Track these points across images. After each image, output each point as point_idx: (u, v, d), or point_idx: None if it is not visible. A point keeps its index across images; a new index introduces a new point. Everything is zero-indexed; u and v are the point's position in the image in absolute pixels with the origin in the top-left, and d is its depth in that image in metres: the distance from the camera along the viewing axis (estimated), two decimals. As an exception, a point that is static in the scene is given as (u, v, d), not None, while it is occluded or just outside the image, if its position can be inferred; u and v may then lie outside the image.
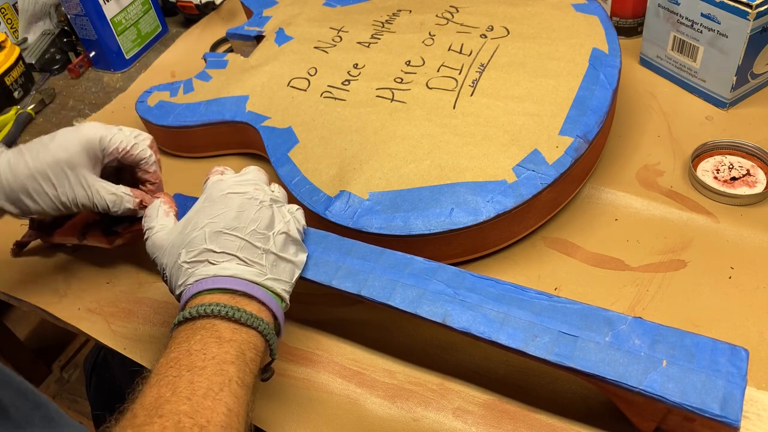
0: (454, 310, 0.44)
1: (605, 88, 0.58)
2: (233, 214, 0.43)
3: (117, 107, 0.82)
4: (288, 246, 0.45)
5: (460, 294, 0.45)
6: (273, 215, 0.45)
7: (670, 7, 0.66)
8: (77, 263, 0.63)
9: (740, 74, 0.63)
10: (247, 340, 0.40)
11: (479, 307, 0.44)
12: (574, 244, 0.56)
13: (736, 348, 0.39)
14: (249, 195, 0.45)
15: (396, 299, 0.45)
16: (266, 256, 0.43)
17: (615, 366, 0.39)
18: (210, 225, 0.43)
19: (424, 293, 0.45)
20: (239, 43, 0.81)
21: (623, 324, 0.41)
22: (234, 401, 0.36)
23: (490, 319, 0.43)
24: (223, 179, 0.47)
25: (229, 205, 0.44)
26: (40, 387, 1.11)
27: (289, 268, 0.45)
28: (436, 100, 0.61)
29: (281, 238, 0.44)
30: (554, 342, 0.41)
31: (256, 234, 0.43)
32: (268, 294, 0.42)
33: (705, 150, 0.61)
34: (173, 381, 0.36)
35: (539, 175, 0.53)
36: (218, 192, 0.45)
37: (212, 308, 0.39)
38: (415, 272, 0.46)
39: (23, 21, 0.94)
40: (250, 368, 0.39)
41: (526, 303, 0.43)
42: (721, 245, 0.54)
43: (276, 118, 0.65)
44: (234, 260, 0.42)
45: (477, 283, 0.45)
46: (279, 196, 0.48)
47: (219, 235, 0.43)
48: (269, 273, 0.43)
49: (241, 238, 0.43)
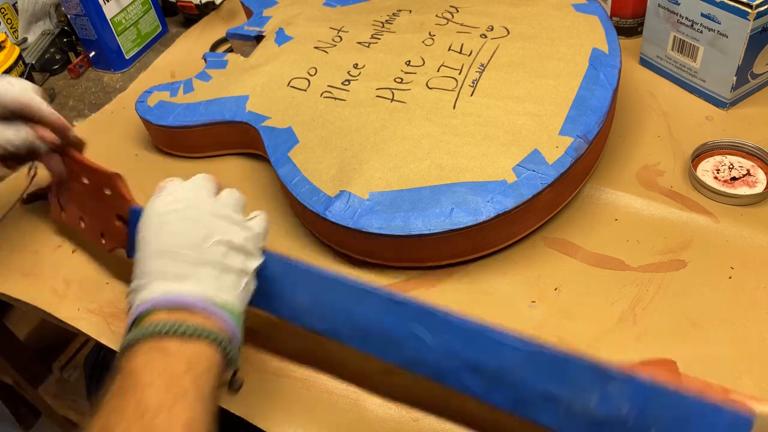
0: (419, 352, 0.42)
1: (605, 88, 0.58)
2: (165, 233, 0.43)
3: (117, 107, 0.82)
4: (231, 256, 0.43)
5: (423, 335, 0.42)
6: (211, 226, 0.44)
7: (670, 7, 0.66)
8: (77, 263, 0.63)
9: (740, 74, 0.63)
10: (196, 351, 0.38)
11: (447, 352, 0.41)
12: (574, 244, 0.56)
13: (740, 417, 0.34)
14: (181, 212, 0.44)
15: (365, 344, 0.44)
16: (204, 268, 0.42)
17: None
18: (144, 248, 0.43)
19: (391, 338, 0.43)
20: (239, 43, 0.81)
21: (613, 382, 0.37)
22: (191, 415, 0.35)
23: (460, 367, 0.41)
24: (158, 198, 0.46)
25: (158, 226, 0.43)
26: (40, 387, 1.11)
27: (232, 278, 0.43)
28: (436, 100, 0.61)
29: (221, 248, 0.43)
30: (531, 404, 0.38)
31: (189, 249, 0.42)
32: (212, 305, 0.41)
33: (705, 150, 0.61)
34: (120, 405, 0.35)
35: (539, 175, 0.53)
36: (151, 212, 0.45)
37: (152, 328, 0.38)
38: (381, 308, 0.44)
39: (23, 21, 0.94)
40: (206, 380, 0.38)
41: (500, 350, 0.40)
42: (721, 245, 0.54)
43: (276, 118, 0.65)
44: (169, 279, 0.41)
45: (444, 323, 0.42)
46: (225, 204, 0.46)
47: (152, 257, 0.42)
48: (211, 285, 0.42)
49: (172, 257, 0.42)
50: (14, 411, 1.25)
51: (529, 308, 0.52)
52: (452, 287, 0.54)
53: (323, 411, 0.48)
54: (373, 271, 0.57)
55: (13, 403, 1.24)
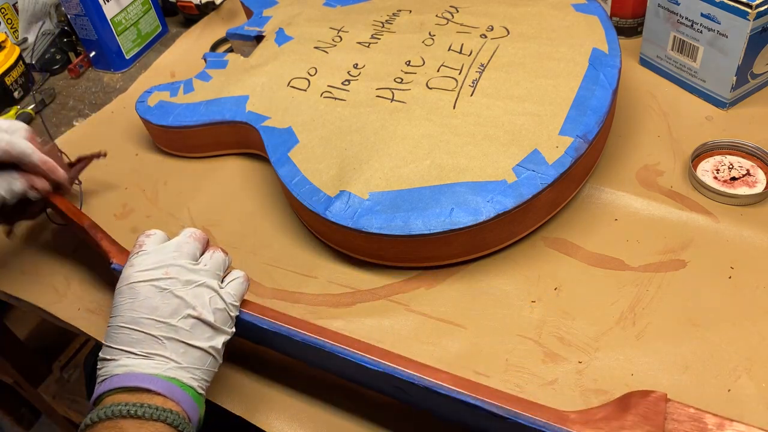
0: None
1: (605, 88, 0.58)
2: (133, 305, 0.43)
3: (117, 107, 0.83)
4: (199, 331, 0.43)
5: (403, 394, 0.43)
6: (181, 299, 0.43)
7: (670, 7, 0.66)
8: (77, 263, 0.63)
9: (740, 74, 0.63)
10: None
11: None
12: (574, 244, 0.56)
13: None
14: (154, 282, 0.43)
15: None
16: (170, 344, 0.42)
17: None
18: (116, 315, 0.43)
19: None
20: (239, 43, 0.81)
21: None
22: None
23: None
24: (134, 259, 0.45)
25: (130, 295, 0.43)
26: (40, 387, 1.11)
27: (199, 354, 0.43)
28: (436, 100, 0.61)
29: (189, 322, 0.43)
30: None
31: (157, 324, 0.42)
32: (172, 385, 0.41)
33: (705, 150, 0.61)
34: None
35: (539, 175, 0.53)
36: (124, 281, 0.44)
37: (111, 410, 0.39)
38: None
39: (23, 21, 0.94)
40: None
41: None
42: (721, 245, 0.54)
43: (276, 118, 0.65)
44: (132, 356, 0.41)
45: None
46: (204, 271, 0.45)
47: (118, 330, 0.42)
48: (175, 363, 0.42)
49: (139, 331, 0.42)
50: (14, 411, 1.25)
51: (529, 308, 0.52)
52: (452, 287, 0.54)
53: (323, 411, 0.48)
54: (372, 271, 0.57)
55: (13, 403, 1.24)
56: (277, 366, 0.51)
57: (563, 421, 0.38)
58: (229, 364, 0.51)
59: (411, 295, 0.54)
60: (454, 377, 0.41)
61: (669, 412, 0.38)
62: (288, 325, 0.46)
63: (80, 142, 0.77)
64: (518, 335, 0.50)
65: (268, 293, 0.56)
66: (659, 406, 0.38)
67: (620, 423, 0.38)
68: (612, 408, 0.39)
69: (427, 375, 0.41)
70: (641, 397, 0.39)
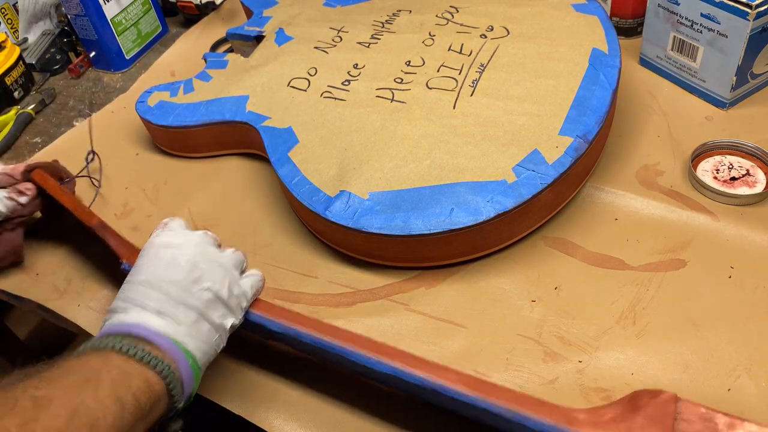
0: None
1: (605, 88, 0.58)
2: (159, 265, 0.43)
3: (117, 107, 0.83)
4: (214, 306, 0.43)
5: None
6: (205, 272, 0.44)
7: (670, 7, 0.66)
8: (78, 261, 0.63)
9: (740, 74, 0.63)
10: (138, 371, 0.38)
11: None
12: (574, 244, 0.56)
13: None
14: (180, 249, 0.44)
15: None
16: (184, 310, 0.42)
17: None
18: (134, 275, 0.43)
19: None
20: (239, 43, 0.81)
21: None
22: (94, 408, 0.34)
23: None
24: (158, 235, 0.46)
25: (158, 255, 0.44)
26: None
27: (207, 329, 0.43)
28: (436, 100, 0.61)
29: (206, 294, 0.43)
30: None
31: (177, 286, 0.42)
32: (175, 347, 0.40)
33: (705, 150, 0.61)
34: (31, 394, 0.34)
35: (539, 175, 0.53)
36: (150, 246, 0.45)
37: (105, 342, 0.38)
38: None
39: (23, 21, 0.94)
40: (134, 395, 0.36)
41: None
42: (721, 245, 0.54)
43: (276, 118, 0.65)
44: (145, 310, 0.41)
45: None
46: (227, 257, 0.46)
47: (134, 287, 0.42)
48: (184, 328, 0.41)
49: (156, 290, 0.42)
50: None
51: (530, 308, 0.52)
52: (452, 287, 0.55)
53: (323, 411, 0.48)
54: (372, 271, 0.57)
55: (13, 403, 1.23)
56: (277, 365, 0.51)
57: (572, 422, 0.38)
58: (229, 364, 0.51)
59: (411, 295, 0.54)
60: (462, 376, 0.41)
61: (679, 412, 0.38)
62: (315, 330, 0.46)
63: (80, 142, 0.77)
64: (518, 335, 0.50)
65: (269, 293, 0.56)
66: (669, 408, 0.38)
67: (628, 425, 0.37)
68: (621, 408, 0.39)
69: (440, 376, 0.41)
70: (651, 397, 0.39)
